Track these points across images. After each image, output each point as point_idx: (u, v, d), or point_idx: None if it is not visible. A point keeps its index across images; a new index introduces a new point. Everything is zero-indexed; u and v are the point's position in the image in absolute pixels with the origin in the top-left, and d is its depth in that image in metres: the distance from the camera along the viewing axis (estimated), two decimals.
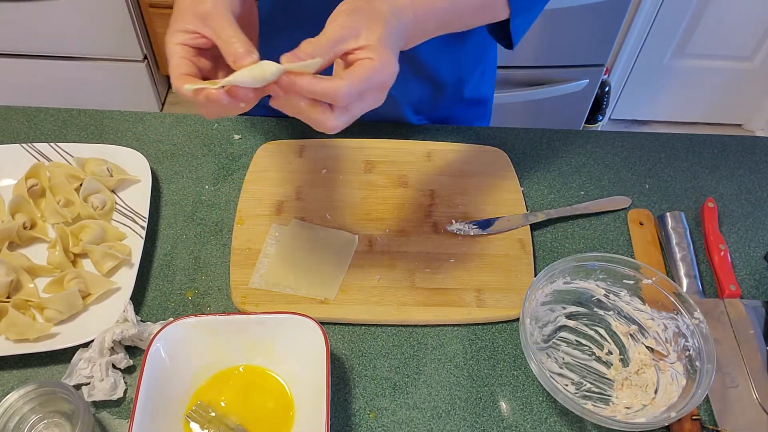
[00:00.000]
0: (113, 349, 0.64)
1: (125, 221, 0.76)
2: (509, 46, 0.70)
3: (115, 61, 1.96)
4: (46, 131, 0.86)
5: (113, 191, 0.79)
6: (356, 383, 0.65)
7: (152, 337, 0.61)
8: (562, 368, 0.67)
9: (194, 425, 0.60)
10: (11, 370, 0.65)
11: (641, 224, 0.78)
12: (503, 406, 0.64)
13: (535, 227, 0.78)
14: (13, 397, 0.57)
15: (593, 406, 0.63)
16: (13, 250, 0.73)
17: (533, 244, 0.76)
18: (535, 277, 0.70)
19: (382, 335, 0.69)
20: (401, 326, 0.69)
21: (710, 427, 0.63)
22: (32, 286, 0.69)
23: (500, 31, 0.69)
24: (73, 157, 0.80)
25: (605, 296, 0.70)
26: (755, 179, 0.85)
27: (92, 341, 0.64)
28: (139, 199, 0.77)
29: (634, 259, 0.70)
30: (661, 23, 1.95)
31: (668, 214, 0.78)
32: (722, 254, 0.74)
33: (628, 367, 0.67)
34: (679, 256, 0.74)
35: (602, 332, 0.69)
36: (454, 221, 0.77)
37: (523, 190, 0.81)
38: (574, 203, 0.81)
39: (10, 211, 0.74)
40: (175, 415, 0.60)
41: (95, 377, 0.62)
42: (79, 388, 0.62)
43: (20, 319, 0.64)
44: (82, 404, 0.56)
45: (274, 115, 0.90)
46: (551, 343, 0.69)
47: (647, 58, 2.07)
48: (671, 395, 0.62)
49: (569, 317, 0.70)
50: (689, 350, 0.63)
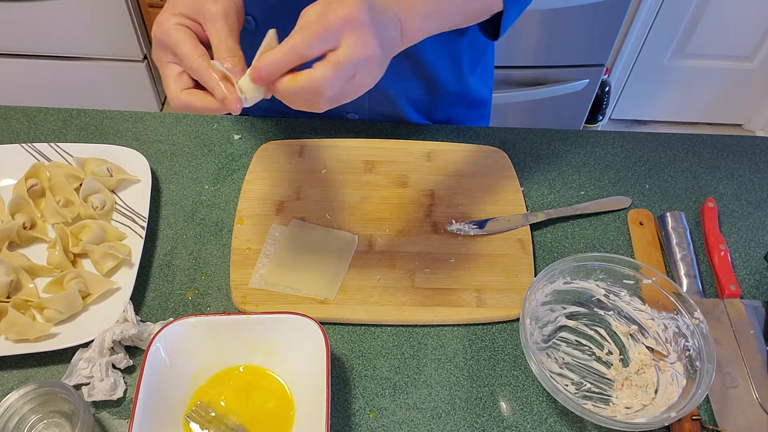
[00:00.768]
0: (113, 349, 0.64)
1: (125, 221, 0.76)
2: (494, 36, 0.70)
3: (115, 61, 1.96)
4: (46, 131, 0.86)
5: (113, 191, 0.79)
6: (356, 383, 0.65)
7: (152, 337, 0.60)
8: (562, 368, 0.67)
9: (194, 425, 0.60)
10: (11, 370, 0.65)
11: (641, 224, 0.78)
12: (503, 406, 0.64)
13: (535, 227, 0.78)
14: (13, 397, 0.57)
15: (593, 406, 0.63)
16: (13, 250, 0.73)
17: (533, 244, 0.76)
18: (535, 277, 0.70)
19: (382, 335, 0.69)
20: (401, 326, 0.69)
21: (710, 427, 0.63)
22: (32, 286, 0.69)
23: (487, 23, 0.69)
24: (73, 157, 0.80)
25: (605, 296, 0.70)
26: (755, 179, 0.85)
27: (92, 341, 0.64)
28: (139, 199, 0.77)
29: (634, 259, 0.70)
30: (661, 23, 1.95)
31: (668, 214, 0.78)
32: (722, 254, 0.74)
33: (628, 367, 0.67)
34: (679, 256, 0.74)
35: (602, 332, 0.69)
36: (454, 221, 0.77)
37: (523, 190, 0.81)
38: (574, 203, 0.81)
39: (10, 211, 0.74)
40: (175, 415, 0.60)
41: (95, 377, 0.62)
42: (79, 388, 0.62)
43: (20, 319, 0.64)
44: (82, 404, 0.56)
45: (274, 115, 0.90)
46: (551, 343, 0.69)
47: (647, 58, 2.07)
48: (671, 395, 0.62)
49: (569, 317, 0.70)
50: (689, 350, 0.63)
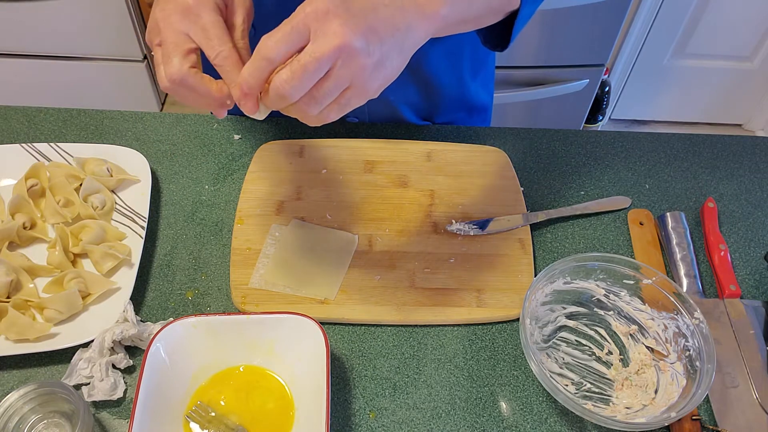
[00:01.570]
0: (113, 349, 0.64)
1: (125, 221, 0.76)
2: (501, 46, 0.66)
3: (115, 61, 1.96)
4: (46, 131, 0.86)
5: (113, 191, 0.79)
6: (356, 383, 0.65)
7: (152, 337, 0.61)
8: (562, 368, 0.67)
9: (194, 425, 0.60)
10: (11, 370, 0.65)
11: (641, 224, 0.78)
12: (503, 406, 0.64)
13: (535, 227, 0.78)
14: (13, 397, 0.57)
15: (593, 406, 0.63)
16: (13, 250, 0.73)
17: (533, 244, 0.76)
18: (535, 277, 0.70)
19: (382, 335, 0.69)
20: (401, 326, 0.69)
21: (710, 427, 0.63)
22: (32, 286, 0.69)
23: (493, 31, 0.64)
24: (73, 157, 0.80)
25: (605, 296, 0.70)
26: (755, 179, 0.85)
27: (92, 341, 0.64)
28: (139, 199, 0.77)
29: (634, 259, 0.70)
30: (661, 23, 1.95)
31: (668, 214, 0.78)
32: (722, 254, 0.74)
33: (628, 367, 0.67)
34: (679, 256, 0.74)
35: (602, 332, 0.69)
36: (454, 221, 0.77)
37: (523, 190, 0.81)
38: (574, 203, 0.81)
39: (10, 211, 0.74)
40: (175, 415, 0.60)
41: (95, 377, 0.62)
42: (79, 388, 0.62)
43: (20, 319, 0.64)
44: (82, 404, 0.56)
45: (274, 115, 0.90)
46: (551, 343, 0.69)
47: (647, 58, 2.07)
48: (671, 395, 0.62)
49: (569, 317, 0.70)
50: (689, 350, 0.63)
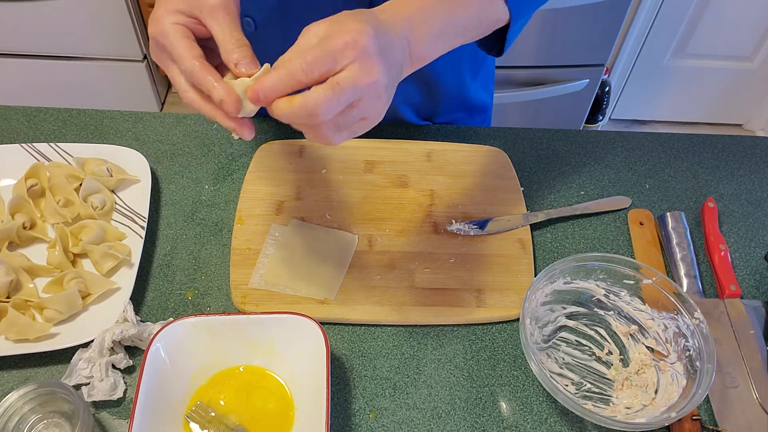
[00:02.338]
0: (113, 349, 0.64)
1: (125, 221, 0.76)
2: (499, 52, 0.67)
3: (115, 61, 1.96)
4: (45, 131, 0.86)
5: (113, 191, 0.79)
6: (356, 383, 0.65)
7: (152, 337, 0.60)
8: (562, 368, 0.67)
9: (194, 425, 0.60)
10: (11, 370, 0.65)
11: (641, 224, 0.78)
12: (503, 406, 0.64)
13: (535, 227, 0.78)
14: (13, 397, 0.57)
15: (593, 406, 0.63)
16: (12, 250, 0.73)
17: (533, 244, 0.76)
18: (535, 277, 0.70)
19: (382, 335, 0.69)
20: (401, 326, 0.69)
21: (710, 427, 0.63)
22: (32, 286, 0.69)
23: (490, 40, 0.65)
24: (72, 157, 0.80)
25: (605, 296, 0.70)
26: (755, 179, 0.85)
27: (92, 341, 0.64)
28: (138, 199, 0.77)
29: (634, 259, 0.70)
30: (661, 23, 1.95)
31: (668, 214, 0.78)
32: (722, 254, 0.74)
33: (628, 367, 0.67)
34: (679, 256, 0.74)
35: (602, 332, 0.69)
36: (454, 221, 0.77)
37: (523, 190, 0.81)
38: (574, 203, 0.81)
39: (9, 211, 0.74)
40: (175, 415, 0.60)
41: (95, 377, 0.62)
42: (78, 388, 0.62)
43: (20, 319, 0.64)
44: (81, 404, 0.56)
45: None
46: (551, 343, 0.69)
47: (647, 58, 2.07)
48: (671, 395, 0.62)
49: (569, 317, 0.70)
50: (689, 350, 0.63)
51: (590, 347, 0.69)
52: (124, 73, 2.00)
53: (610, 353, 0.68)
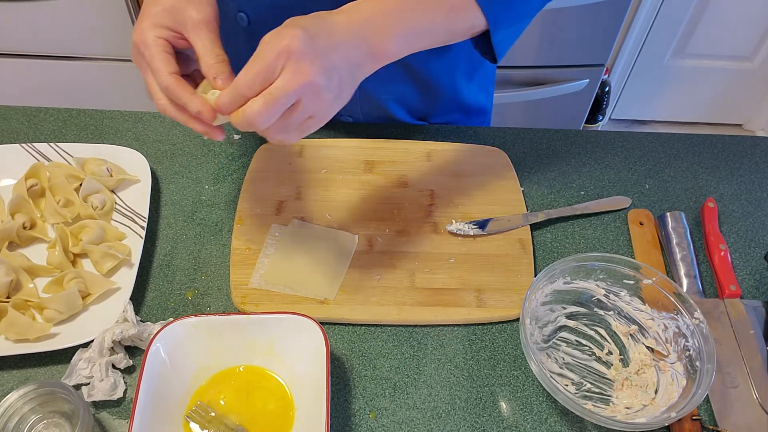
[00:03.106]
0: (113, 349, 0.64)
1: (125, 221, 0.76)
2: (493, 60, 0.69)
3: (115, 61, 1.96)
4: (46, 131, 0.86)
5: (113, 191, 0.79)
6: (356, 383, 0.65)
7: (152, 337, 0.60)
8: (562, 368, 0.67)
9: (194, 425, 0.60)
10: (11, 370, 0.65)
11: (641, 224, 0.78)
12: (503, 406, 0.64)
13: (535, 227, 0.78)
14: (13, 397, 0.57)
15: (593, 406, 0.63)
16: (12, 250, 0.73)
17: (533, 244, 0.76)
18: (535, 277, 0.70)
19: (382, 335, 0.69)
20: (401, 326, 0.69)
21: (710, 427, 0.63)
22: (32, 286, 0.69)
23: (485, 45, 0.68)
24: (72, 157, 0.80)
25: (605, 296, 0.70)
26: (755, 179, 0.85)
27: (92, 341, 0.64)
28: (138, 199, 0.77)
29: (634, 259, 0.70)
30: (661, 23, 1.95)
31: (668, 214, 0.78)
32: (722, 254, 0.74)
33: (628, 367, 0.67)
34: (679, 256, 0.74)
35: (602, 332, 0.69)
36: (454, 221, 0.77)
37: (523, 190, 0.81)
38: (574, 203, 0.81)
39: (9, 211, 0.74)
40: (175, 415, 0.60)
41: (95, 377, 0.62)
42: (78, 388, 0.62)
43: (20, 319, 0.64)
44: (81, 404, 0.56)
45: None
46: (551, 343, 0.69)
47: (647, 58, 2.07)
48: (671, 395, 0.62)
49: (569, 317, 0.70)
50: (689, 350, 0.63)
51: (590, 347, 0.69)
52: (124, 73, 1.99)
53: (610, 353, 0.68)
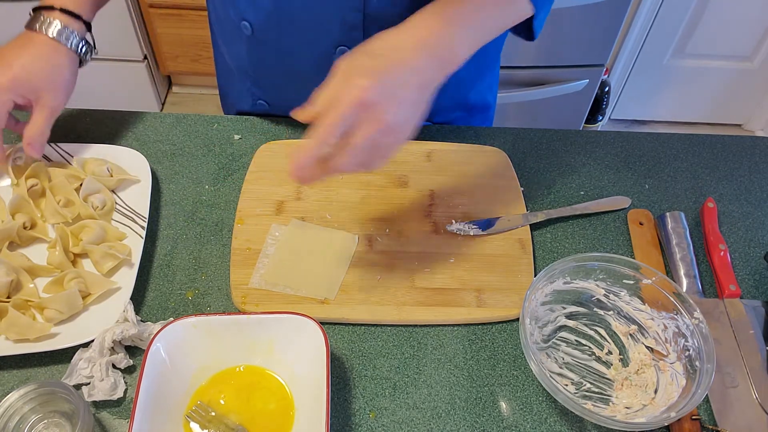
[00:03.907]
0: (113, 349, 0.64)
1: (125, 221, 0.76)
2: (530, 38, 0.72)
3: (115, 61, 1.96)
4: None
5: (113, 191, 0.79)
6: (356, 383, 0.65)
7: (152, 337, 0.61)
8: (562, 368, 0.67)
9: (194, 425, 0.60)
10: (11, 370, 0.65)
11: (641, 224, 0.78)
12: (503, 406, 0.64)
13: (535, 227, 0.78)
14: (13, 397, 0.57)
15: (593, 406, 0.63)
16: (13, 250, 0.73)
17: (533, 244, 0.76)
18: (535, 277, 0.70)
19: (382, 335, 0.69)
20: (401, 326, 0.69)
21: (710, 427, 0.63)
22: (32, 286, 0.69)
23: (520, 27, 0.71)
24: (73, 157, 0.80)
25: (605, 296, 0.70)
26: (755, 179, 0.85)
27: (92, 341, 0.64)
28: (139, 199, 0.77)
29: (634, 259, 0.70)
30: (661, 23, 1.96)
31: (668, 214, 0.78)
32: (722, 254, 0.74)
33: (628, 367, 0.67)
34: (678, 256, 0.74)
35: (602, 332, 0.70)
36: (454, 221, 0.77)
37: (523, 190, 0.81)
38: (574, 203, 0.81)
39: (10, 211, 0.74)
40: (175, 415, 0.60)
41: (95, 377, 0.62)
42: (79, 388, 0.62)
43: (20, 319, 0.64)
44: (82, 404, 0.56)
45: (274, 114, 0.90)
46: (551, 343, 0.69)
47: (647, 58, 2.07)
48: (671, 395, 0.62)
49: (569, 317, 0.70)
50: (689, 350, 0.63)
51: (590, 347, 0.69)
52: (124, 73, 2.00)
53: (609, 353, 0.68)
